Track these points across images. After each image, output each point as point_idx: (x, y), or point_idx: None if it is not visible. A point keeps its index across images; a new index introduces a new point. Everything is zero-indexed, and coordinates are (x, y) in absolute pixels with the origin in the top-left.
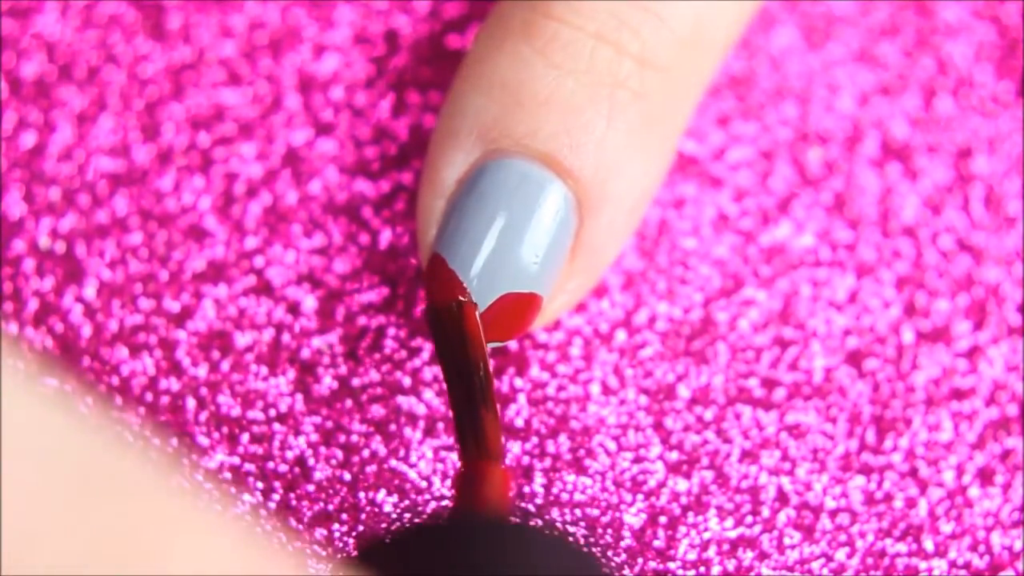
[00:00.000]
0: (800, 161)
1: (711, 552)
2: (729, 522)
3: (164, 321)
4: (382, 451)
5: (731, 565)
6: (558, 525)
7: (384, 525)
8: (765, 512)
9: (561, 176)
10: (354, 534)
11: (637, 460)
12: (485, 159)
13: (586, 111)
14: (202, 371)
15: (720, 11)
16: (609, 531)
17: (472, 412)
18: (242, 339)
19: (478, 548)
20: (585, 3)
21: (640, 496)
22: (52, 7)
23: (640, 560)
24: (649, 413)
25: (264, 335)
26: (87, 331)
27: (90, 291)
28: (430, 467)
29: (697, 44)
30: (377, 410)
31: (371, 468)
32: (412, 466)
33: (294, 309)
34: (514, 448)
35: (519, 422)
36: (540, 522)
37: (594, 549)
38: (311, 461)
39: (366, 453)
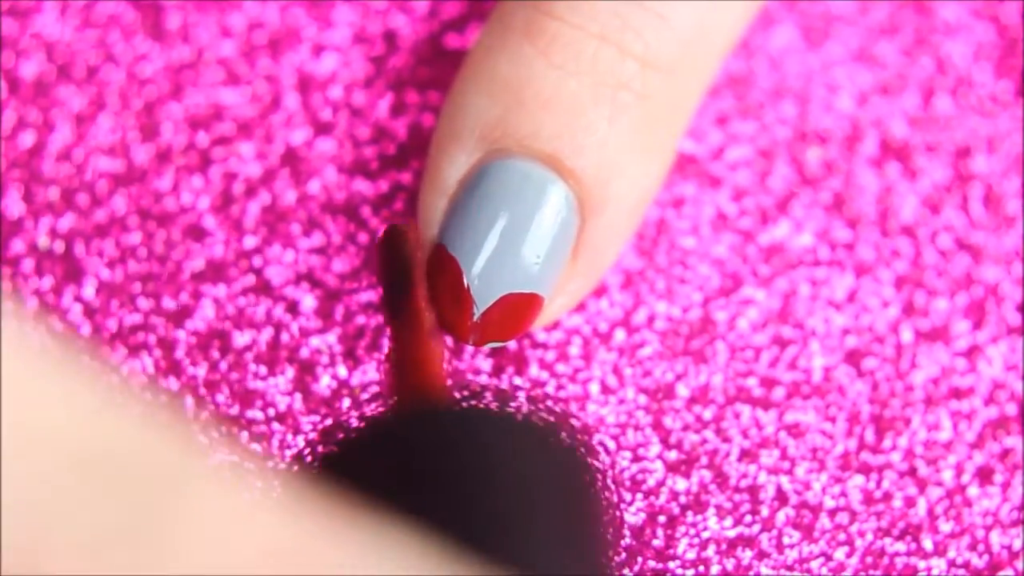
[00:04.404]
0: (799, 160)
1: (710, 551)
2: (728, 521)
3: (163, 320)
4: None
5: (730, 564)
6: (504, 401)
7: (332, 433)
8: (764, 511)
9: (563, 177)
10: (307, 446)
11: (636, 459)
12: (487, 159)
13: (588, 112)
14: (201, 371)
15: (722, 11)
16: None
17: (401, 289)
18: (241, 338)
19: (430, 436)
20: (588, 3)
21: (639, 495)
22: (51, 7)
23: (639, 559)
24: (648, 412)
25: (263, 334)
26: (86, 331)
27: (89, 291)
28: None
29: (699, 45)
30: (376, 409)
31: None
32: None
33: (293, 308)
34: None
35: None
36: (486, 401)
37: (547, 421)
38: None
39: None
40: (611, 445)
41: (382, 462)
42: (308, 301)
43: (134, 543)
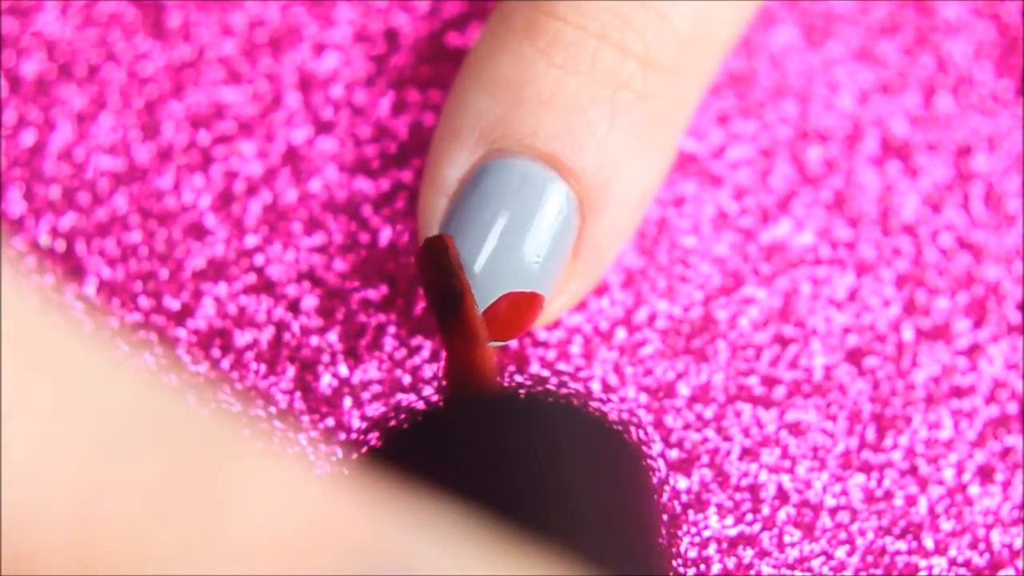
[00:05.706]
0: (800, 159)
1: (711, 550)
2: (729, 520)
3: (164, 319)
4: None
5: (731, 563)
6: (558, 391)
7: (384, 424)
8: (765, 510)
9: (563, 176)
10: (362, 435)
11: None
12: (487, 159)
13: (589, 111)
14: (202, 369)
15: (722, 10)
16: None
17: (452, 301)
18: (242, 337)
19: (487, 424)
20: (588, 2)
21: None
22: (52, 5)
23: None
24: (649, 411)
25: (264, 333)
26: (87, 329)
27: (90, 289)
28: None
29: (700, 44)
30: (377, 408)
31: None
32: None
33: (294, 307)
34: None
35: None
36: (540, 390)
37: (598, 408)
38: (311, 459)
39: (365, 450)
40: None
41: (433, 445)
42: (309, 300)
43: (188, 507)
